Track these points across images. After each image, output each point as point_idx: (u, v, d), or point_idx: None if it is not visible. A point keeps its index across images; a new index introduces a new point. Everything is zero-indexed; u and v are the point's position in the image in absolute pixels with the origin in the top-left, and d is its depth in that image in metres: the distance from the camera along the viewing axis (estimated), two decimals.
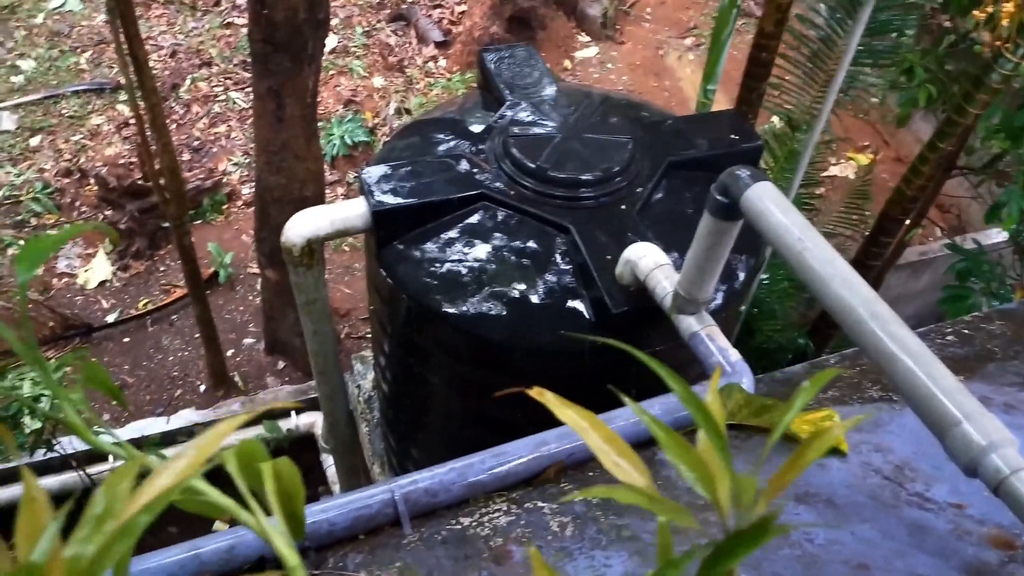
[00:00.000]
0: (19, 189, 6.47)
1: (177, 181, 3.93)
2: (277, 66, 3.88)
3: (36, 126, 6.99)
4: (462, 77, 6.96)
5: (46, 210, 6.34)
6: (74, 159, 6.68)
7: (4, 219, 6.30)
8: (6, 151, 6.78)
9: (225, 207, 6.29)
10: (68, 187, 6.50)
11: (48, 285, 5.87)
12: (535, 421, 2.43)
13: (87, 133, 6.93)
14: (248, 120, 6.99)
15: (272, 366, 5.28)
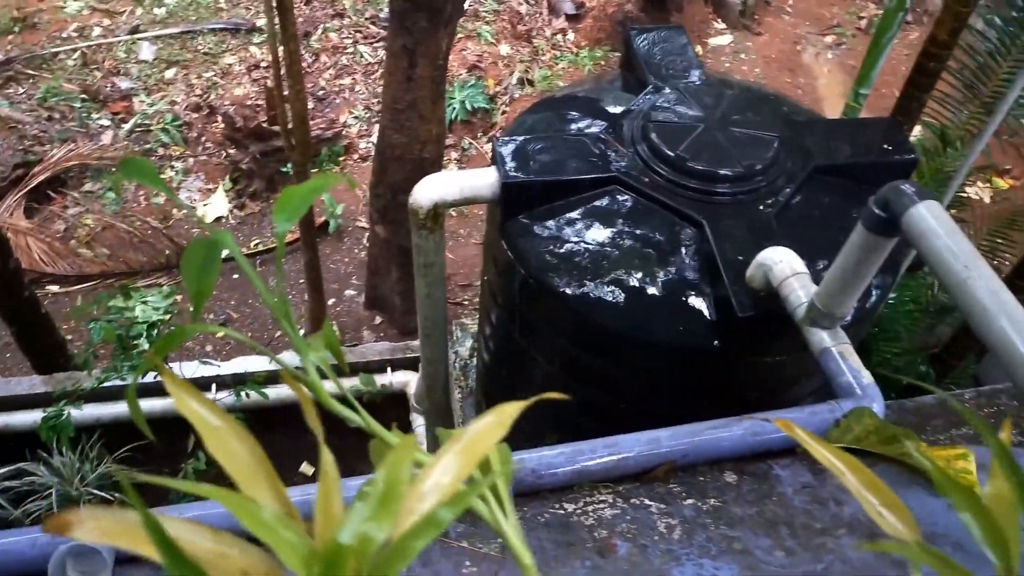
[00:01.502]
0: (150, 118, 6.75)
1: (305, 129, 4.01)
2: (414, 24, 3.89)
3: (172, 59, 7.26)
4: (590, 53, 6.85)
5: (173, 142, 6.59)
6: (204, 95, 6.92)
7: (133, 146, 6.59)
8: (142, 80, 7.08)
9: (342, 159, 6.41)
10: (196, 122, 6.74)
11: (168, 214, 6.12)
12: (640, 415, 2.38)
13: (219, 71, 7.16)
14: (373, 75, 7.09)
15: (369, 320, 5.37)
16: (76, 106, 6.79)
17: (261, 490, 0.46)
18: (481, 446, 0.46)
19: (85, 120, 6.71)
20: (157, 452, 3.93)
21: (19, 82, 7.01)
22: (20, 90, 6.94)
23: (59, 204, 6.11)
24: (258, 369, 3.70)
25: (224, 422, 0.46)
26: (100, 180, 6.26)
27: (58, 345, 4.17)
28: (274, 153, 6.10)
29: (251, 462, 0.46)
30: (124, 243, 5.75)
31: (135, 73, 7.10)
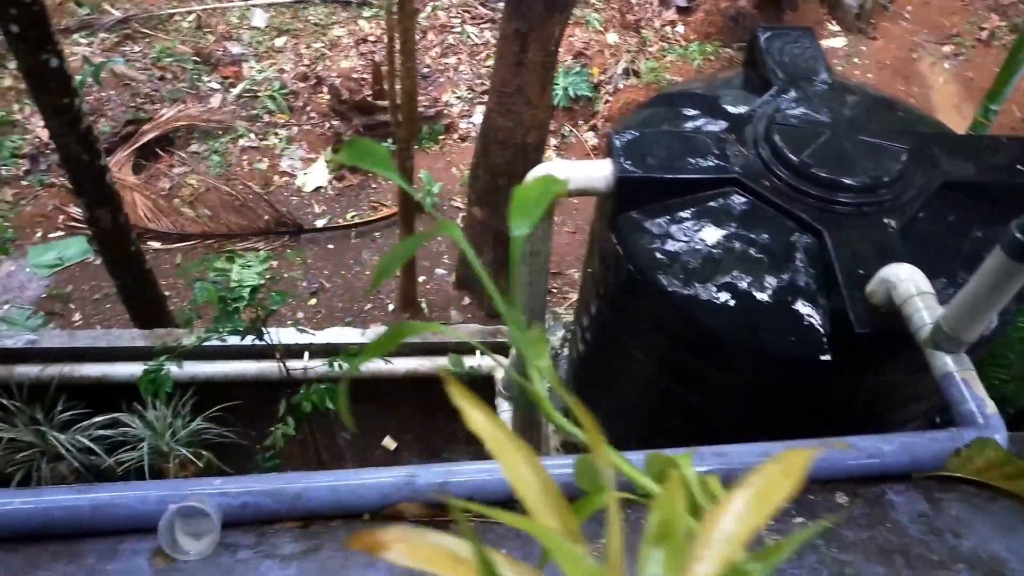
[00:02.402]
0: (259, 85, 6.91)
1: (413, 106, 4.03)
2: (529, 9, 3.86)
3: (283, 27, 7.42)
4: (700, 48, 6.69)
5: (279, 109, 6.74)
6: (312, 65, 7.05)
7: (240, 110, 6.76)
8: (253, 47, 7.26)
9: (442, 138, 6.45)
10: (302, 91, 6.88)
11: (270, 181, 6.27)
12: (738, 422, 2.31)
13: (327, 43, 7.28)
14: (478, 56, 7.10)
15: (458, 300, 5.40)
16: (188, 67, 7.01)
17: (551, 517, 0.44)
18: (774, 496, 0.42)
19: (196, 82, 6.92)
20: (247, 413, 4.05)
21: (135, 40, 7.28)
22: (136, 48, 7.21)
23: (166, 163, 6.33)
24: (351, 341, 3.76)
25: (514, 444, 0.45)
26: (206, 142, 6.45)
27: (158, 301, 4.32)
28: (377, 127, 6.17)
29: (541, 488, 0.45)
30: (225, 205, 5.92)
31: (246, 39, 7.28)
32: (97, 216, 3.67)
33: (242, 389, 3.92)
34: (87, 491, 1.45)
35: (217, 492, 1.46)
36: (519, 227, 0.50)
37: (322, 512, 1.49)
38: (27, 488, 1.42)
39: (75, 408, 3.78)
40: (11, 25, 2.96)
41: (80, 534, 1.43)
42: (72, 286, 5.43)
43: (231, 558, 1.39)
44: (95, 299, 5.35)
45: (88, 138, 3.41)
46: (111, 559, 1.38)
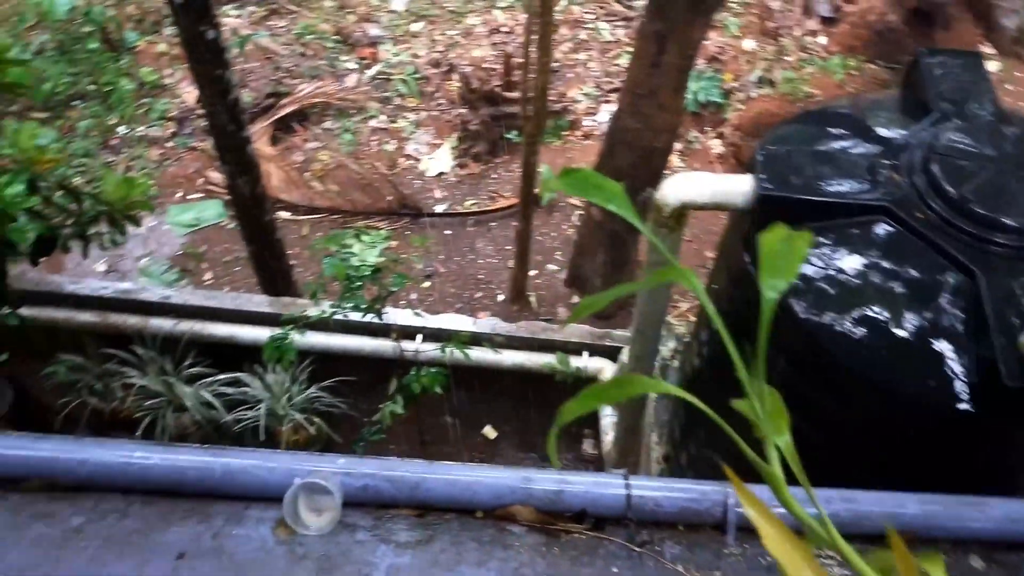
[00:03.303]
0: (393, 68, 7.07)
1: (543, 101, 4.03)
2: (671, 11, 3.79)
3: (421, 13, 7.56)
4: (842, 61, 6.41)
5: (410, 93, 6.88)
6: (445, 52, 7.16)
7: (374, 91, 6.94)
8: (391, 30, 7.43)
9: (565, 133, 6.43)
10: (434, 77, 6.99)
11: (395, 162, 6.41)
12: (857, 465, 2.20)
13: (462, 31, 7.37)
14: (608, 54, 7.04)
15: (567, 298, 5.39)
16: (328, 46, 7.24)
17: None
18: None
19: (334, 61, 7.15)
20: (358, 387, 4.17)
21: (281, 16, 7.57)
22: (280, 24, 7.50)
23: (300, 137, 6.57)
24: (462, 328, 3.81)
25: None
26: (339, 120, 6.66)
27: (285, 270, 4.50)
28: (503, 118, 6.22)
29: None
30: (352, 183, 6.10)
31: (385, 22, 7.46)
32: (237, 184, 3.84)
33: (356, 363, 4.04)
34: (220, 454, 1.51)
35: (341, 471, 1.50)
36: (772, 287, 0.48)
37: (437, 504, 1.51)
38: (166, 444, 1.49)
39: (201, 364, 3.99)
40: None
41: (210, 495, 1.50)
42: (206, 246, 5.73)
43: (349, 538, 1.43)
44: (226, 261, 5.62)
45: (235, 109, 3.57)
46: (237, 523, 1.44)
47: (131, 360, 3.96)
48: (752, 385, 0.46)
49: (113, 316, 3.96)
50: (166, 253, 5.66)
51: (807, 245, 0.49)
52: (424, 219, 5.96)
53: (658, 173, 4.50)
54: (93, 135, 6.33)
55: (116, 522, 1.38)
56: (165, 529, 1.40)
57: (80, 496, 1.44)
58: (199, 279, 5.52)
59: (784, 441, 0.47)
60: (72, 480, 1.46)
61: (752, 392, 0.46)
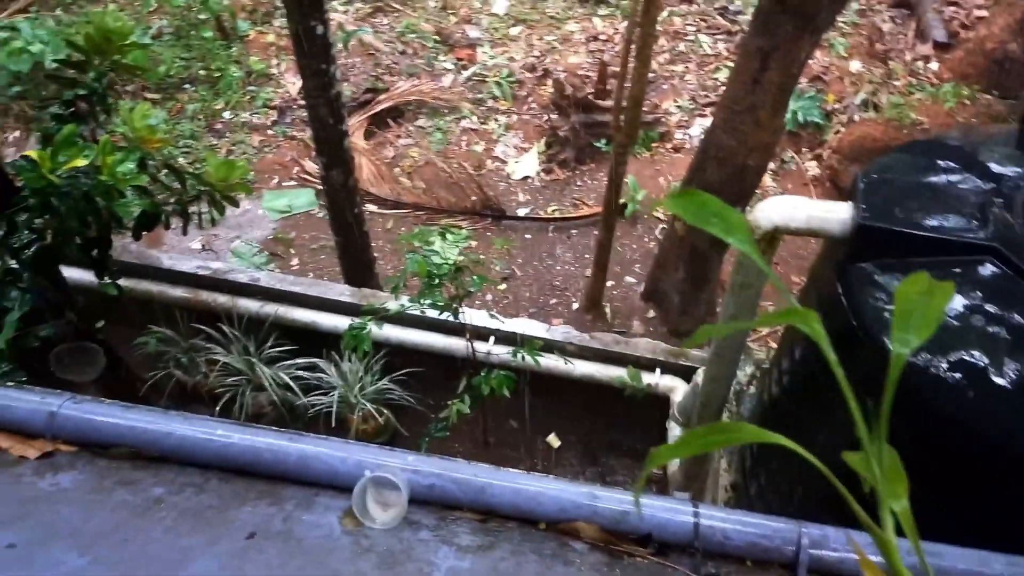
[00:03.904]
0: (488, 70, 7.13)
1: (637, 112, 4.00)
2: (777, 28, 3.70)
3: (521, 17, 7.60)
4: (954, 89, 6.14)
5: (503, 96, 6.93)
6: (541, 57, 7.19)
7: (468, 92, 7.01)
8: (489, 32, 7.49)
9: (655, 145, 6.37)
10: (528, 81, 7.02)
11: (482, 164, 6.47)
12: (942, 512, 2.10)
13: (560, 37, 7.38)
14: (706, 67, 6.93)
15: (642, 312, 5.33)
16: (428, 45, 7.36)
17: None
18: None
19: (432, 60, 7.26)
20: (427, 382, 4.22)
21: (385, 14, 7.74)
22: (384, 21, 7.66)
23: (393, 133, 6.69)
24: (535, 334, 3.80)
25: None
26: (432, 118, 6.76)
27: (369, 262, 4.59)
28: (593, 126, 6.20)
29: None
30: (439, 181, 6.18)
31: (485, 24, 7.53)
32: (331, 175, 3.94)
33: (428, 359, 4.09)
34: (296, 439, 1.55)
35: (410, 468, 1.51)
36: (903, 342, 0.46)
37: (501, 511, 1.51)
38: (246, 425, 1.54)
39: (282, 347, 4.10)
40: None
41: (283, 478, 1.53)
42: (295, 233, 5.89)
43: (413, 535, 1.44)
44: (312, 248, 5.77)
45: (336, 103, 3.66)
46: (307, 509, 1.47)
47: (217, 337, 4.10)
48: (872, 443, 0.44)
49: (204, 293, 4.11)
50: (258, 236, 5.85)
51: (947, 300, 0.46)
52: (506, 221, 5.99)
53: (749, 192, 4.41)
54: (199, 118, 6.60)
55: (193, 496, 1.43)
56: (239, 507, 1.44)
57: (162, 467, 1.50)
58: (286, 264, 5.68)
59: (902, 507, 0.44)
60: (156, 451, 1.51)
61: (870, 450, 0.44)
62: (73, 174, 2.62)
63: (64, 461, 1.46)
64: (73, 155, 2.61)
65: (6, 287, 3.00)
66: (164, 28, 7.21)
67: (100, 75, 2.94)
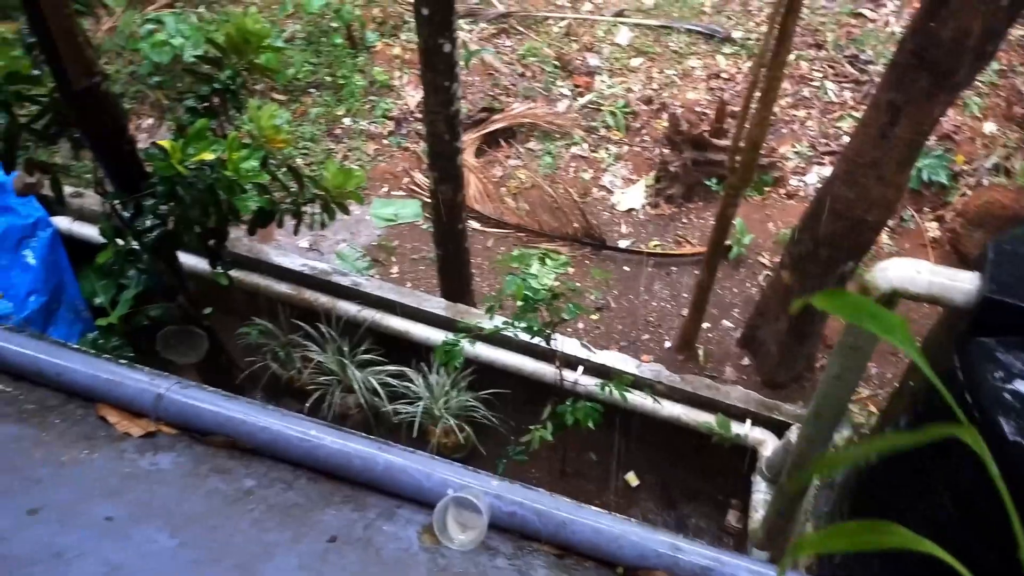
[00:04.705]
0: (604, 99, 7.13)
1: (755, 155, 3.91)
2: (912, 83, 3.56)
3: (643, 49, 7.58)
4: None
5: (616, 126, 6.91)
6: (659, 91, 7.14)
7: (581, 119, 7.03)
8: (609, 62, 7.50)
9: (767, 189, 6.22)
10: (643, 114, 6.99)
11: (588, 191, 6.46)
12: None
13: (680, 71, 7.32)
14: (830, 115, 6.74)
15: (737, 358, 5.19)
16: (547, 70, 7.43)
17: None
18: None
19: (549, 84, 7.32)
20: (511, 404, 4.21)
21: (509, 35, 7.85)
22: (507, 43, 7.77)
23: (503, 153, 6.77)
24: (624, 369, 3.75)
25: None
26: (543, 142, 6.80)
27: (466, 278, 4.63)
28: (705, 164, 6.10)
29: None
30: (543, 204, 6.20)
31: (605, 53, 7.55)
32: (440, 189, 4.01)
33: (514, 381, 4.09)
34: (384, 449, 1.56)
35: (492, 492, 1.50)
36: None
37: (580, 549, 1.48)
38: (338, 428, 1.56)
39: (374, 352, 4.18)
40: (423, 8, 3.31)
41: (368, 486, 1.55)
42: (398, 241, 6.02)
43: (489, 561, 1.43)
44: (413, 259, 5.88)
45: (454, 120, 3.73)
46: (388, 520, 1.48)
47: (314, 336, 4.22)
48: None
49: (307, 292, 4.24)
50: (362, 241, 6.00)
51: None
52: (606, 251, 5.95)
53: (863, 247, 4.24)
54: (321, 122, 6.84)
55: (282, 492, 1.46)
56: (323, 509, 1.46)
57: (254, 460, 1.54)
58: (386, 271, 5.80)
59: None
60: (251, 443, 1.56)
61: None
62: (200, 166, 2.74)
63: (165, 442, 1.52)
64: (202, 148, 2.74)
65: (126, 266, 3.16)
66: (296, 33, 7.53)
67: (235, 73, 3.08)
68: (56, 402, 1.56)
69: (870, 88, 6.71)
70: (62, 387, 1.59)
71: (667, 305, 5.64)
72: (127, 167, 2.89)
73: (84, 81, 2.58)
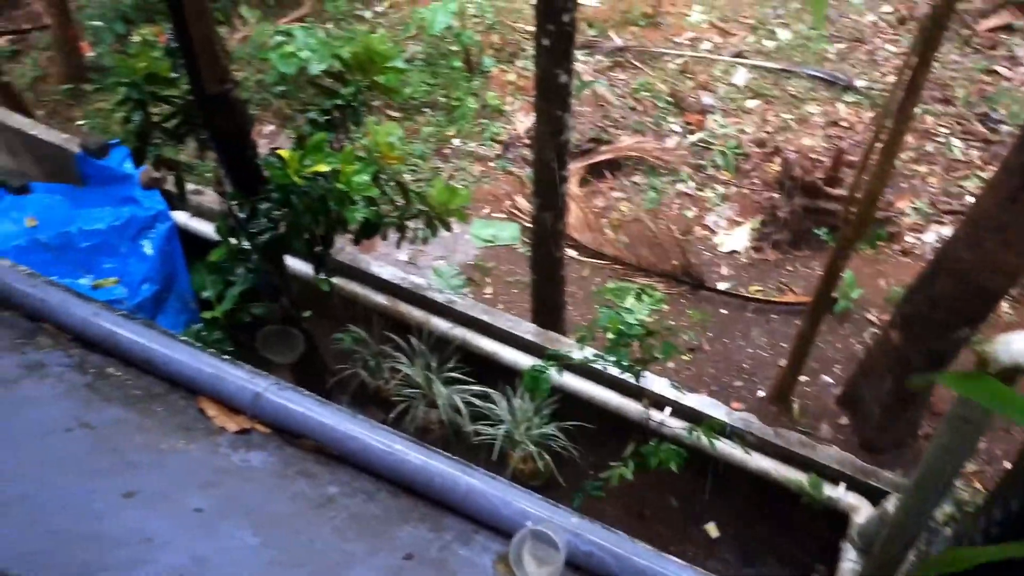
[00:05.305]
0: (716, 138, 7.03)
1: (870, 208, 3.76)
2: None
3: (760, 91, 7.45)
4: None
5: (725, 166, 6.79)
6: (773, 134, 6.99)
7: (690, 157, 6.94)
8: (724, 102, 7.40)
9: (880, 244, 5.97)
10: (754, 156, 6.85)
11: (690, 230, 6.35)
12: None
13: (797, 116, 7.15)
14: (954, 172, 6.44)
15: (833, 417, 4.97)
16: (659, 105, 7.38)
17: None
18: None
19: (660, 120, 7.27)
20: (592, 437, 4.15)
21: (624, 69, 7.85)
22: (621, 76, 7.77)
23: (607, 184, 6.75)
24: (714, 415, 3.64)
25: None
26: (649, 176, 6.74)
27: (559, 305, 4.62)
28: (817, 213, 5.92)
29: None
30: (643, 239, 6.13)
31: (721, 93, 7.45)
32: (542, 216, 4.02)
33: (597, 413, 4.03)
34: (467, 472, 1.55)
35: (572, 529, 1.47)
36: None
37: None
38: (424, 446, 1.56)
39: (460, 370, 4.21)
40: (544, 39, 3.34)
41: (447, 507, 1.54)
42: (494, 263, 6.07)
43: None
44: (507, 281, 5.91)
45: (562, 149, 3.74)
46: (464, 544, 1.47)
47: (404, 348, 4.28)
48: None
49: (402, 305, 4.31)
50: (459, 260, 6.08)
51: None
52: (703, 292, 5.83)
53: (982, 315, 4.01)
54: (431, 141, 6.99)
55: (363, 503, 1.47)
56: (401, 525, 1.46)
57: (340, 467, 1.56)
58: (480, 291, 5.85)
59: None
60: (338, 450, 1.57)
61: None
62: (314, 176, 2.84)
63: (258, 441, 1.55)
64: (318, 160, 2.83)
65: (236, 263, 3.29)
66: (417, 54, 7.75)
67: (357, 90, 3.18)
68: (161, 390, 1.62)
69: (1000, 149, 6.38)
70: (168, 376, 1.65)
71: (764, 353, 5.47)
72: (247, 171, 3.01)
73: (217, 87, 2.71)
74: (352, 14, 8.34)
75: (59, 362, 1.64)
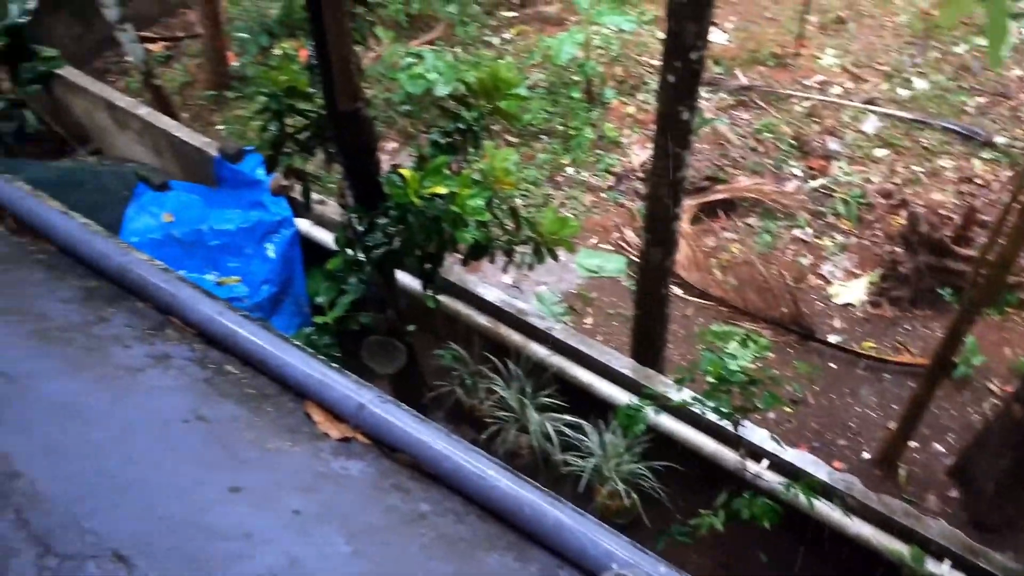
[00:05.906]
0: (839, 186, 6.80)
1: (1003, 272, 3.56)
2: None
3: (890, 140, 7.17)
4: None
5: (847, 215, 6.56)
6: (901, 186, 6.71)
7: (809, 203, 6.74)
8: (851, 149, 7.15)
9: (1010, 310, 5.62)
10: (879, 207, 6.59)
11: (803, 278, 6.16)
12: None
13: (928, 170, 6.85)
14: None
15: (942, 488, 4.69)
16: (781, 147, 7.21)
17: None
18: None
19: (781, 163, 7.09)
20: (683, 480, 4.07)
21: (747, 108, 7.71)
22: (744, 116, 7.64)
23: (720, 224, 6.63)
24: (813, 474, 3.51)
25: None
26: (764, 219, 6.58)
27: (660, 343, 4.56)
28: (942, 272, 5.64)
29: None
30: (752, 283, 5.98)
31: (848, 140, 7.21)
32: (651, 252, 3.99)
33: (690, 457, 3.94)
34: (556, 505, 1.55)
35: None
36: None
37: None
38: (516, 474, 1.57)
39: (555, 399, 4.21)
40: (670, 75, 3.33)
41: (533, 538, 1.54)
42: (597, 294, 6.05)
43: None
44: (608, 313, 5.88)
45: (678, 186, 3.71)
46: None
47: (502, 371, 4.31)
48: None
49: (503, 328, 4.36)
50: (562, 288, 6.09)
51: None
52: (812, 343, 5.63)
53: None
54: (545, 168, 7.06)
55: (452, 524, 1.49)
56: (487, 551, 1.47)
57: (432, 486, 1.58)
58: (580, 320, 5.84)
59: None
60: (432, 468, 1.60)
61: None
62: (431, 197, 2.92)
63: (358, 450, 1.60)
64: (436, 182, 2.92)
65: (350, 273, 3.41)
66: (539, 82, 7.85)
67: (480, 115, 3.26)
68: (272, 391, 1.69)
69: None
70: (280, 378, 1.72)
71: (872, 413, 5.22)
72: (369, 186, 3.13)
73: (349, 104, 2.84)
74: (481, 40, 8.53)
75: (183, 355, 1.74)
